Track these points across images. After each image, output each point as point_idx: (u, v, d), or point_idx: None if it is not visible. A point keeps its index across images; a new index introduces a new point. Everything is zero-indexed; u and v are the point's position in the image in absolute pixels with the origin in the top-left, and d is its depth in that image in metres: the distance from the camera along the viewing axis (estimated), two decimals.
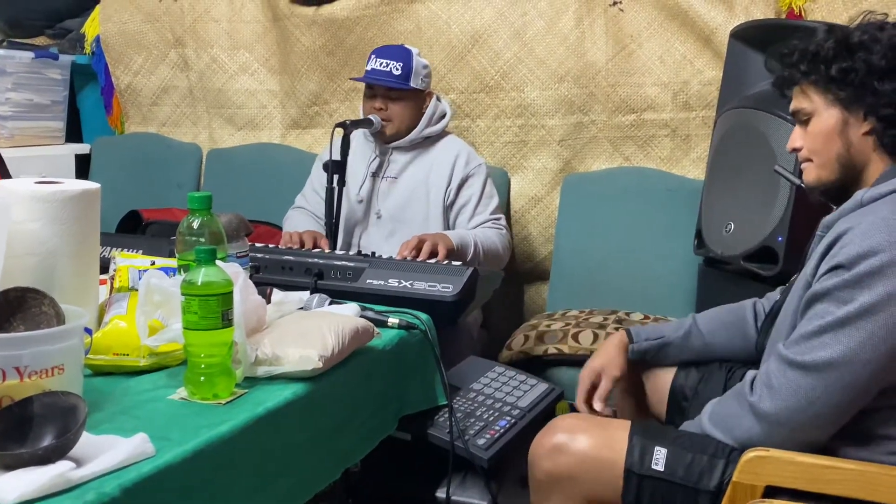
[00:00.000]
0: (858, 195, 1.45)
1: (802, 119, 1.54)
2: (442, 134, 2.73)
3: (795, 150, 1.57)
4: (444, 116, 2.72)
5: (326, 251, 2.24)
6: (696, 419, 1.53)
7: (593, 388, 1.77)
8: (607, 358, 1.78)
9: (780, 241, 2.17)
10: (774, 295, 1.76)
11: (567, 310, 2.78)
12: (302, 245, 2.36)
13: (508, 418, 1.87)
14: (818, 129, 1.51)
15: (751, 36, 2.45)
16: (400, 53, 2.61)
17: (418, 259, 2.18)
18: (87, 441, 1.08)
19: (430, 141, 2.70)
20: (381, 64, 2.58)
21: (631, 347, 1.81)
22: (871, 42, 1.45)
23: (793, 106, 1.56)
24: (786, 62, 1.56)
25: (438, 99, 2.73)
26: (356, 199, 2.66)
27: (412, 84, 2.58)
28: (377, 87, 2.61)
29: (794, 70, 1.54)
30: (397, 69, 2.57)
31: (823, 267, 1.39)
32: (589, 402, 1.76)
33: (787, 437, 1.39)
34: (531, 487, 1.57)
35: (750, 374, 1.48)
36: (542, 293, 3.18)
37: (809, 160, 1.54)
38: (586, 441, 1.50)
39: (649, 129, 2.95)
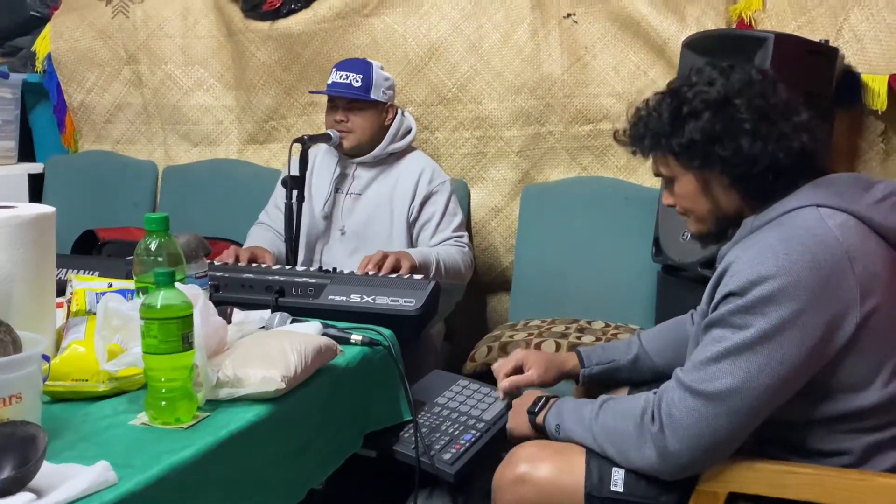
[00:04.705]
0: (748, 223, 1.48)
1: (666, 182, 1.57)
2: (407, 150, 2.73)
3: (670, 206, 1.59)
4: (409, 132, 2.73)
5: (270, 266, 2.22)
6: (585, 416, 1.51)
7: (515, 371, 1.86)
8: (546, 368, 1.84)
9: None
10: (701, 305, 1.78)
11: (529, 319, 2.80)
12: (237, 262, 2.34)
13: (474, 432, 1.87)
14: (683, 192, 1.54)
15: (703, 46, 2.49)
16: (360, 66, 2.62)
17: (380, 274, 2.18)
18: (47, 471, 1.06)
19: (394, 157, 2.70)
20: (341, 76, 2.59)
21: (582, 372, 1.85)
22: (702, 108, 1.45)
23: (653, 170, 1.59)
24: (632, 136, 1.57)
25: (403, 114, 2.74)
26: (320, 214, 2.65)
27: (373, 96, 2.59)
28: (338, 100, 2.62)
29: (640, 145, 1.55)
30: (357, 81, 2.57)
31: (717, 296, 1.41)
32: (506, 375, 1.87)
33: (686, 466, 1.39)
34: None
35: (646, 396, 1.45)
36: (504, 303, 3.19)
37: (686, 215, 1.57)
38: (548, 469, 1.50)
39: (605, 139, 2.98)
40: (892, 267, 1.40)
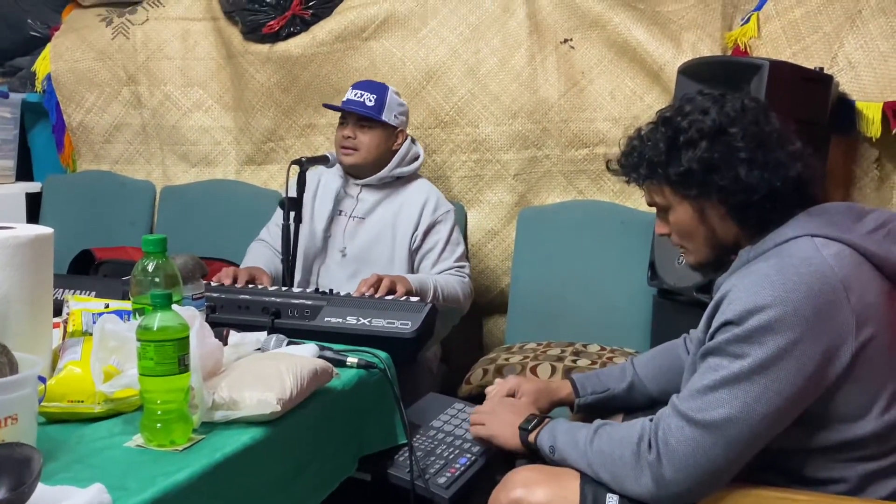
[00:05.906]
0: (744, 254, 1.48)
1: (660, 211, 1.56)
2: (413, 176, 2.75)
3: (664, 236, 1.59)
4: (416, 159, 2.74)
5: (270, 288, 2.22)
6: (580, 440, 1.50)
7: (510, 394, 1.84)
8: (537, 398, 1.82)
9: None
10: (697, 333, 1.78)
11: (525, 342, 2.80)
12: (235, 282, 2.35)
13: (469, 455, 1.86)
14: (678, 221, 1.53)
15: (698, 72, 2.51)
16: (376, 87, 2.65)
17: (376, 296, 2.18)
18: (42, 493, 1.06)
19: (400, 182, 2.71)
20: (356, 94, 2.63)
21: (577, 402, 1.84)
22: (698, 137, 1.45)
23: (646, 199, 1.58)
24: (626, 165, 1.56)
25: (413, 141, 2.75)
26: (322, 236, 2.66)
27: (384, 117, 2.61)
28: (349, 116, 2.64)
29: (635, 174, 1.55)
30: (371, 101, 2.60)
31: (714, 324, 1.41)
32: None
33: (683, 494, 1.38)
34: None
35: (642, 423, 1.45)
36: (500, 326, 3.19)
37: (682, 246, 1.57)
38: (543, 494, 1.49)
39: (601, 163, 2.99)
40: (886, 297, 1.40)
